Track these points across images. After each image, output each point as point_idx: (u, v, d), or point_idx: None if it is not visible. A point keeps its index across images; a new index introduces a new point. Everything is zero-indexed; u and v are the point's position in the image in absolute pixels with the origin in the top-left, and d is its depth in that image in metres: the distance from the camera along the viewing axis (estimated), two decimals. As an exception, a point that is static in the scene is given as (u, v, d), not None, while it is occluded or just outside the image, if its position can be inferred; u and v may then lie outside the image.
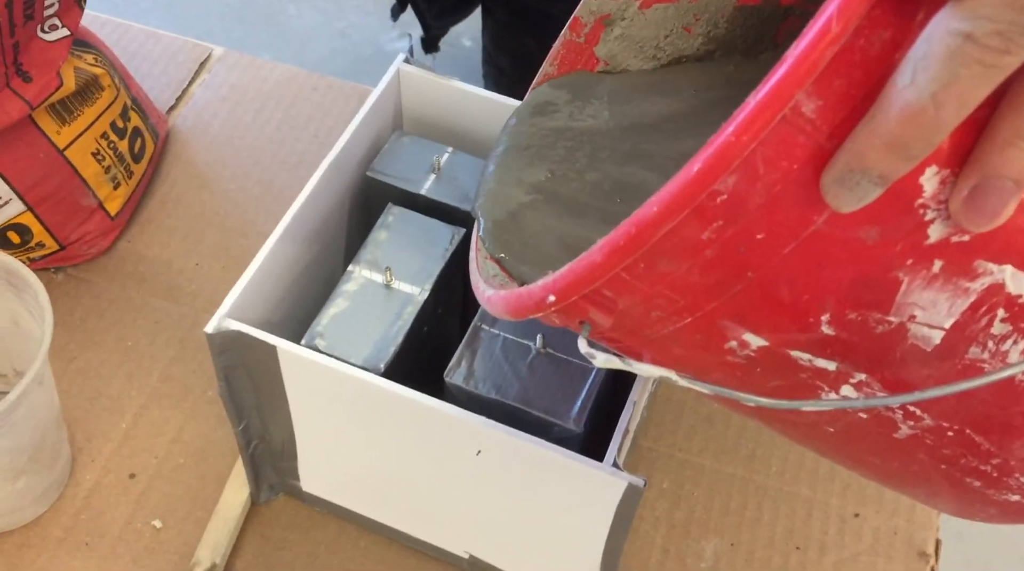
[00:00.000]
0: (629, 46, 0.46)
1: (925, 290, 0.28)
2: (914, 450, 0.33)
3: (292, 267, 0.50)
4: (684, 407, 0.62)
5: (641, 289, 0.29)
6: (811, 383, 0.31)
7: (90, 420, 0.59)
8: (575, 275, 0.29)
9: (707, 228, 0.27)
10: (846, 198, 0.26)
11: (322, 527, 0.56)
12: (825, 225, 0.27)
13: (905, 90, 0.24)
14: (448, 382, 0.46)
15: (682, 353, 0.32)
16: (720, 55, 0.46)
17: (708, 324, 0.30)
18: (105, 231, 0.65)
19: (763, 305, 0.29)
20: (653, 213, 0.27)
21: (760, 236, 0.27)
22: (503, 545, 0.52)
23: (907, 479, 0.36)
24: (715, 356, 0.31)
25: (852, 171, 0.25)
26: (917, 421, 0.32)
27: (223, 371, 0.47)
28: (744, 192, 0.26)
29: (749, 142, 0.25)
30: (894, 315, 0.29)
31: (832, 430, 0.34)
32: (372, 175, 0.53)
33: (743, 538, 0.57)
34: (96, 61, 0.63)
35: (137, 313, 0.63)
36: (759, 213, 0.27)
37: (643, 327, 0.31)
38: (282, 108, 0.74)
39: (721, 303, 0.29)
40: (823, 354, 0.30)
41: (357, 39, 1.75)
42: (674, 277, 0.29)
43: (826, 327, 0.29)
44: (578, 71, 0.46)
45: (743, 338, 0.30)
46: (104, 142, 0.63)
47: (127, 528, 0.56)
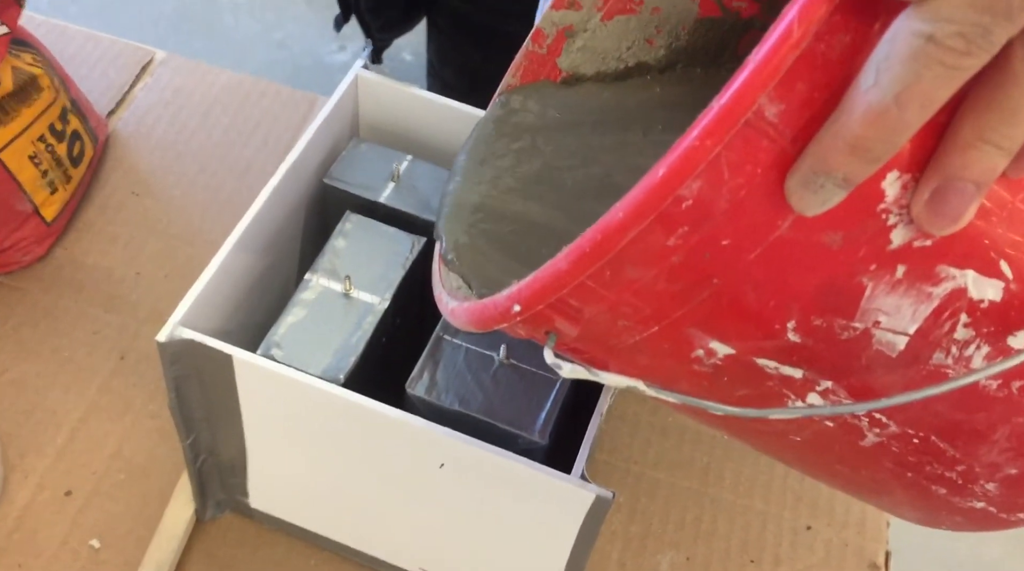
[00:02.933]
0: (591, 57, 0.46)
1: (889, 295, 0.28)
2: (880, 458, 0.33)
3: (247, 275, 0.49)
4: (639, 420, 0.61)
5: (607, 297, 0.29)
6: (778, 391, 0.31)
7: (24, 435, 0.56)
8: (540, 284, 0.29)
9: (673, 234, 0.27)
10: (810, 201, 0.26)
11: (271, 545, 0.54)
12: (790, 230, 0.27)
13: (868, 92, 0.24)
14: (410, 393, 0.45)
15: (648, 363, 0.31)
16: (682, 66, 0.46)
17: (675, 332, 0.30)
18: (40, 238, 0.62)
19: (729, 312, 0.29)
20: (619, 219, 0.26)
21: (725, 242, 0.27)
22: (461, 560, 0.50)
23: (874, 488, 0.36)
24: (682, 365, 0.31)
25: (816, 174, 0.25)
26: (883, 428, 0.32)
27: (174, 382, 0.45)
28: (709, 197, 0.26)
29: (713, 146, 0.25)
30: (859, 321, 0.29)
31: (799, 439, 0.34)
32: (330, 182, 0.52)
33: (699, 551, 0.57)
34: (34, 61, 0.60)
35: (74, 323, 0.61)
36: (724, 218, 0.27)
37: (609, 336, 0.30)
38: (229, 114, 0.72)
39: (687, 311, 0.29)
40: (789, 361, 0.30)
41: (296, 50, 1.73)
42: (640, 285, 0.28)
43: (792, 334, 0.29)
44: (541, 81, 0.46)
45: (710, 346, 0.30)
46: (41, 145, 0.61)
47: (63, 548, 0.53)
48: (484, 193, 0.41)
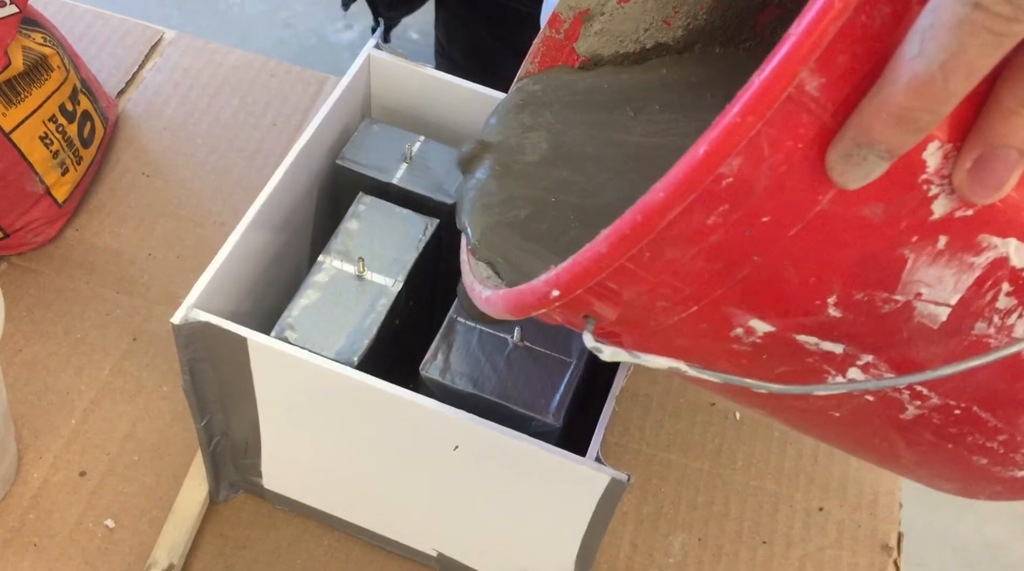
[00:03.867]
0: (609, 41, 0.45)
1: (931, 267, 0.28)
2: (921, 430, 0.33)
3: (260, 257, 0.49)
4: (651, 402, 0.61)
5: (646, 279, 0.28)
6: (818, 367, 0.31)
7: (37, 416, 0.56)
8: (580, 267, 0.28)
9: (713, 212, 0.27)
10: (852, 174, 0.26)
11: (284, 525, 0.55)
12: (830, 204, 0.27)
13: (913, 61, 0.24)
14: (424, 376, 0.45)
15: (687, 343, 0.31)
16: (700, 47, 0.46)
17: (714, 312, 0.29)
18: (52, 219, 0.62)
19: (769, 289, 0.29)
20: (660, 199, 0.26)
21: (766, 219, 0.27)
22: (474, 542, 0.51)
23: (912, 460, 0.36)
24: (720, 344, 0.31)
25: (859, 146, 0.25)
26: (924, 401, 0.32)
27: (188, 364, 0.45)
28: (750, 174, 0.26)
29: (755, 122, 0.24)
30: (900, 294, 0.29)
31: (838, 414, 0.34)
32: (342, 164, 0.51)
33: (711, 533, 0.57)
34: (45, 41, 0.60)
35: (86, 305, 0.61)
36: (765, 195, 0.26)
37: (647, 318, 0.30)
38: (239, 94, 0.72)
39: (727, 289, 0.29)
40: (830, 337, 0.30)
41: (301, 29, 1.72)
42: (680, 265, 0.28)
43: (833, 309, 0.29)
44: (559, 66, 0.46)
45: (749, 325, 0.30)
46: (52, 126, 0.60)
47: (78, 528, 0.53)
48: (497, 181, 0.41)
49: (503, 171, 0.41)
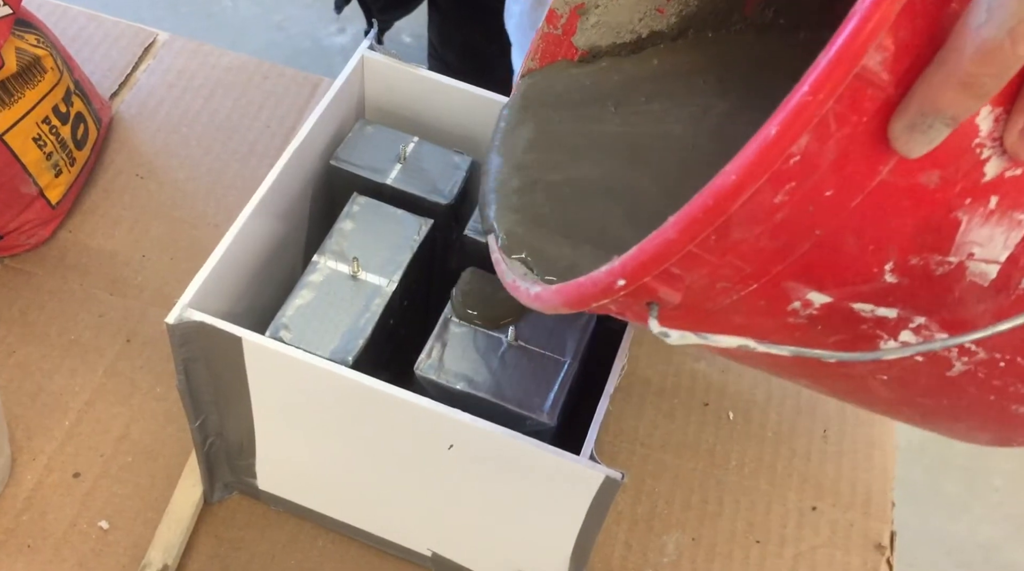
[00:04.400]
0: (606, 32, 0.46)
1: (983, 226, 0.29)
2: (966, 385, 0.34)
3: (254, 257, 0.49)
4: (644, 403, 0.61)
5: (711, 261, 0.29)
6: (871, 333, 0.32)
7: (31, 417, 0.56)
8: (647, 255, 0.29)
9: (780, 191, 0.27)
10: (917, 143, 0.27)
11: (279, 526, 0.55)
12: (890, 174, 0.28)
13: (980, 29, 0.25)
14: (418, 375, 0.45)
15: (742, 321, 0.32)
16: (693, 32, 0.47)
17: (773, 288, 0.30)
18: (45, 220, 0.62)
19: (829, 261, 0.29)
20: (732, 181, 0.27)
21: (829, 193, 0.28)
22: (469, 541, 0.51)
23: (952, 415, 0.37)
24: (777, 320, 0.31)
25: (925, 115, 0.26)
26: (971, 356, 0.33)
27: (183, 364, 0.45)
28: (816, 151, 0.27)
29: (826, 99, 0.25)
30: (954, 255, 0.29)
31: (886, 377, 0.35)
32: (336, 164, 0.51)
33: (704, 532, 0.57)
34: (38, 42, 0.60)
35: (80, 306, 0.61)
36: (829, 170, 0.27)
37: (706, 300, 0.31)
38: (232, 96, 0.72)
39: (787, 265, 0.29)
40: (885, 303, 0.31)
41: (294, 32, 1.72)
42: (744, 245, 0.29)
43: (889, 275, 0.30)
44: (559, 61, 0.46)
45: (807, 297, 0.30)
46: (46, 127, 0.60)
47: (72, 529, 0.53)
48: (524, 178, 0.42)
49: (522, 170, 0.42)
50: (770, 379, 0.63)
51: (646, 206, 0.41)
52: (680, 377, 0.63)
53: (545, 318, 0.47)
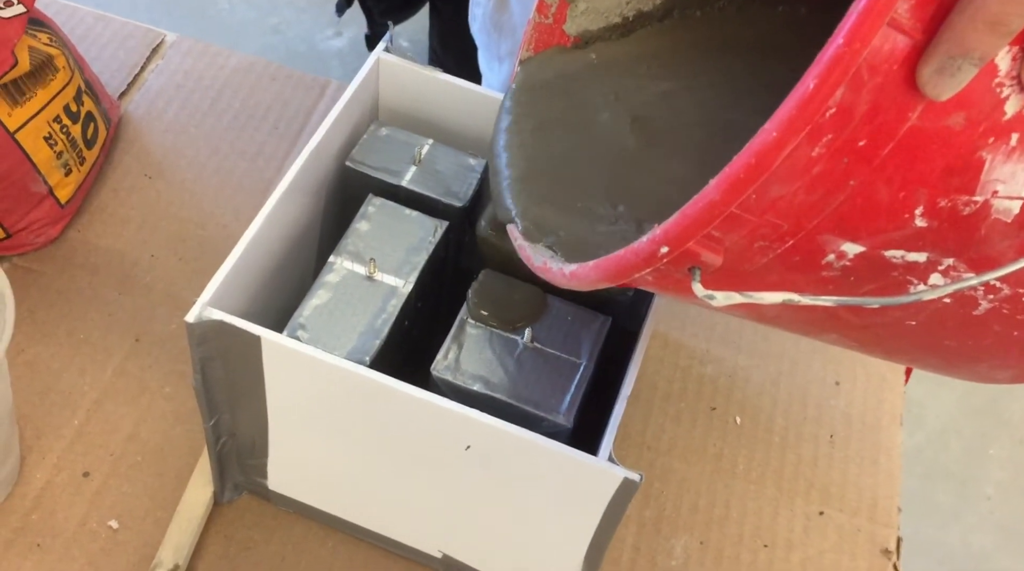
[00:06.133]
0: (595, 17, 0.48)
1: (1005, 164, 0.30)
2: (991, 323, 0.35)
3: (270, 257, 0.49)
4: (652, 407, 0.62)
5: (750, 221, 0.30)
6: (902, 279, 0.33)
7: (40, 416, 0.56)
8: (690, 219, 0.30)
9: (818, 144, 0.28)
10: (946, 84, 0.28)
11: (288, 527, 0.55)
12: (919, 119, 0.28)
13: None
14: (435, 376, 0.45)
15: (778, 279, 0.32)
16: (678, 12, 0.48)
17: (809, 242, 0.31)
18: (55, 219, 0.62)
19: (863, 211, 0.30)
20: (773, 138, 0.27)
21: (862, 143, 0.28)
22: (480, 543, 0.51)
23: (975, 356, 0.38)
24: (812, 274, 0.32)
25: (953, 57, 0.27)
26: (996, 293, 0.34)
27: (200, 363, 0.45)
28: (851, 102, 0.27)
29: (860, 49, 0.26)
30: (979, 194, 0.30)
31: (914, 322, 0.36)
32: (352, 166, 0.52)
33: (712, 536, 0.57)
34: (51, 41, 0.60)
35: (88, 305, 0.61)
36: (862, 120, 0.28)
37: (743, 262, 0.32)
38: (240, 97, 0.72)
39: (823, 218, 0.30)
40: (915, 247, 0.32)
41: (290, 35, 1.72)
42: (782, 201, 0.29)
43: (919, 220, 0.31)
44: (553, 48, 0.48)
45: (841, 249, 0.31)
46: (57, 126, 0.60)
47: (81, 529, 0.53)
48: (532, 163, 0.43)
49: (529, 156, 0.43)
50: (777, 383, 0.64)
51: (650, 179, 0.43)
52: (687, 381, 0.63)
53: (561, 320, 0.48)
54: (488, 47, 0.77)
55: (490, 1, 0.73)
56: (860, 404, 0.64)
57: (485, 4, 0.74)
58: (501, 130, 0.45)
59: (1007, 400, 1.43)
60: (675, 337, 0.65)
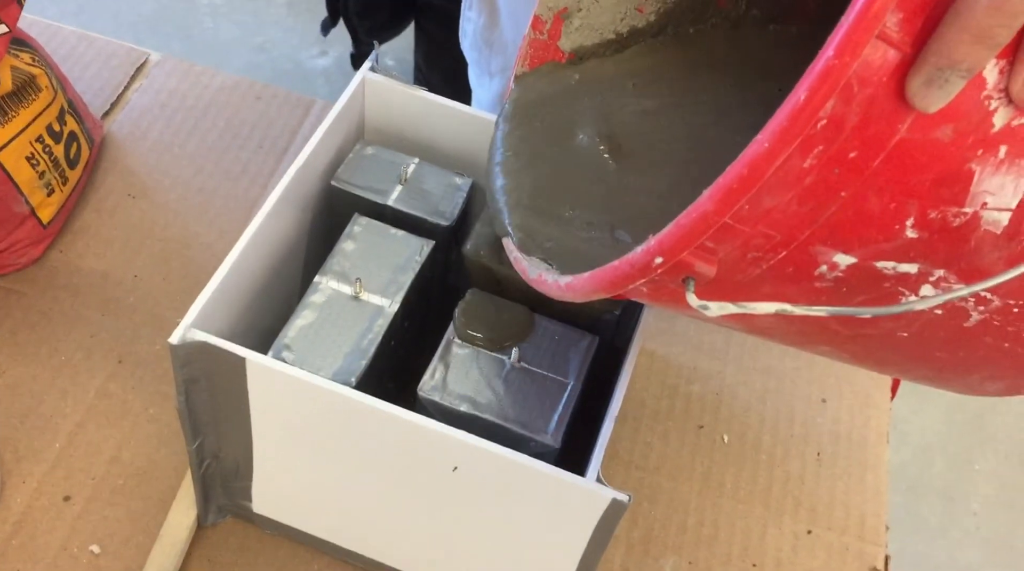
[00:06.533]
0: (590, 34, 0.48)
1: (994, 176, 0.30)
2: (982, 335, 0.35)
3: (255, 278, 0.48)
4: (640, 425, 0.62)
5: (743, 231, 0.30)
6: (893, 290, 0.33)
7: (20, 439, 0.55)
8: (684, 230, 0.30)
9: (809, 155, 0.28)
10: (935, 97, 0.28)
11: (273, 550, 0.54)
12: (908, 131, 0.29)
13: None
14: (422, 396, 0.45)
15: (771, 291, 0.33)
16: (672, 28, 0.49)
17: (801, 253, 0.31)
18: (36, 240, 0.61)
19: (854, 222, 0.30)
20: (765, 149, 0.28)
21: (853, 154, 0.29)
22: (468, 565, 0.50)
23: (967, 368, 0.38)
24: (804, 285, 0.32)
25: (941, 69, 0.27)
26: (987, 305, 0.34)
27: (183, 384, 0.45)
28: (841, 113, 0.28)
29: (850, 61, 0.26)
30: (969, 205, 0.31)
31: (906, 334, 0.36)
32: (337, 185, 0.51)
33: (701, 556, 0.57)
34: (34, 61, 0.60)
35: (71, 326, 0.60)
36: (853, 132, 0.28)
37: (736, 273, 0.32)
38: (224, 117, 0.71)
39: (815, 229, 0.31)
40: (906, 258, 0.32)
41: (276, 54, 1.72)
42: (775, 212, 0.30)
43: (910, 231, 0.31)
44: (548, 63, 0.48)
45: (833, 260, 0.31)
46: (39, 146, 0.60)
47: (62, 554, 0.52)
48: (528, 177, 0.43)
49: (525, 170, 0.44)
50: (764, 401, 0.64)
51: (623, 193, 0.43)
52: (674, 400, 0.63)
53: (548, 339, 0.47)
54: (479, 63, 0.77)
55: (481, 18, 0.73)
56: (847, 421, 0.64)
57: (476, 20, 0.74)
58: (496, 144, 0.46)
59: (992, 415, 1.44)
60: (662, 355, 0.65)
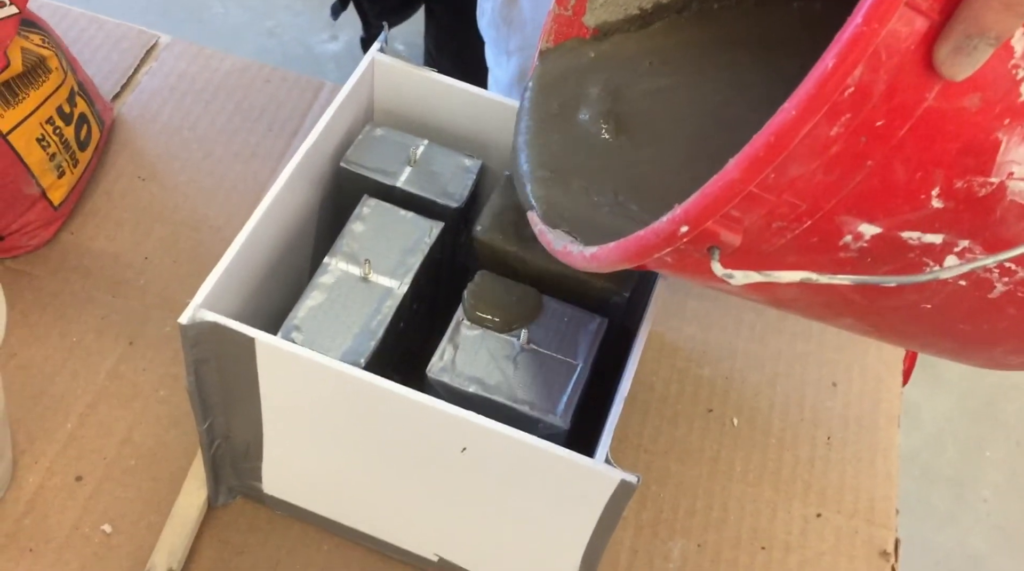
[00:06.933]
0: (614, 9, 0.48)
1: (1021, 145, 0.30)
2: (1005, 306, 0.35)
3: (265, 259, 0.48)
4: (649, 408, 0.61)
5: (769, 200, 0.30)
6: (918, 261, 0.33)
7: (32, 420, 0.56)
8: (710, 198, 0.30)
9: (836, 123, 0.28)
10: (963, 64, 0.28)
11: (283, 530, 0.54)
12: (935, 99, 0.29)
13: None
14: (431, 377, 0.45)
15: (796, 260, 0.33)
16: (697, 4, 0.49)
17: (827, 223, 0.31)
18: (47, 221, 0.61)
19: (880, 191, 0.30)
20: (792, 117, 0.28)
21: (880, 123, 0.29)
22: (477, 546, 0.50)
23: (989, 341, 0.38)
24: (829, 255, 0.32)
25: (969, 37, 0.27)
26: (1011, 276, 0.34)
27: (193, 365, 0.45)
28: (869, 81, 0.28)
29: (879, 29, 0.26)
30: (995, 175, 0.31)
31: (930, 306, 0.36)
32: (347, 167, 0.51)
33: (710, 539, 0.57)
34: (43, 42, 0.60)
35: (82, 308, 0.60)
36: (880, 100, 0.28)
37: (762, 242, 0.32)
38: (234, 100, 0.71)
39: (841, 199, 0.30)
40: (931, 229, 0.32)
41: (286, 39, 1.71)
42: (800, 181, 0.30)
43: (936, 201, 0.31)
44: (572, 39, 0.48)
45: (858, 230, 0.31)
46: (49, 128, 0.60)
47: (74, 533, 0.53)
48: (552, 152, 0.44)
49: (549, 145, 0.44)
50: (774, 384, 0.63)
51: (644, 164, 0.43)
52: (684, 383, 0.63)
53: (557, 321, 0.47)
54: (497, 42, 0.77)
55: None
56: (857, 405, 0.63)
57: None
58: (519, 119, 0.46)
59: (1003, 402, 1.43)
60: (671, 338, 0.65)
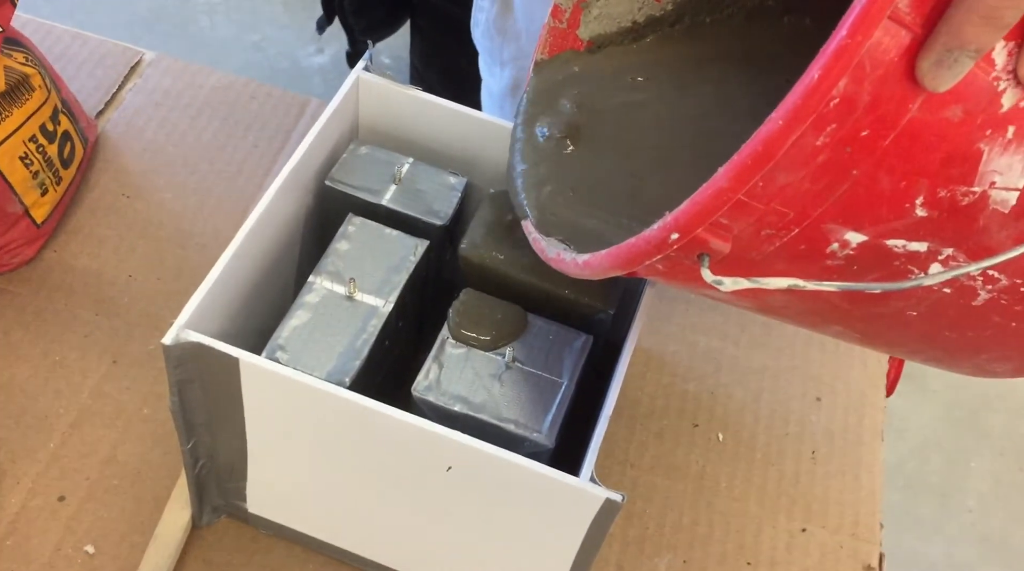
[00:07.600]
0: (608, 22, 0.49)
1: (1002, 155, 0.31)
2: (990, 314, 0.36)
3: (249, 278, 0.48)
4: (635, 423, 0.62)
5: (757, 208, 0.31)
6: (903, 268, 0.33)
7: (15, 439, 0.55)
8: (699, 206, 0.30)
9: (822, 133, 0.29)
10: (944, 77, 0.28)
11: (268, 550, 0.54)
12: (919, 110, 0.29)
13: None
14: (416, 396, 0.45)
15: (783, 268, 0.33)
16: (689, 18, 0.49)
17: (814, 231, 0.32)
18: (30, 239, 0.61)
19: (865, 200, 0.31)
20: (779, 127, 0.28)
21: (865, 133, 0.29)
22: (462, 564, 0.50)
23: (975, 348, 0.39)
24: (816, 263, 0.33)
25: (951, 50, 0.28)
26: (995, 284, 0.35)
27: (177, 385, 0.45)
28: (853, 92, 0.28)
29: (863, 41, 0.27)
30: (978, 184, 0.31)
31: (915, 313, 0.36)
32: (331, 185, 0.51)
33: (695, 554, 0.57)
34: (27, 60, 0.60)
35: (65, 327, 0.60)
36: (864, 111, 0.29)
37: (750, 250, 0.32)
38: (219, 116, 0.71)
39: (827, 207, 0.31)
40: (916, 237, 0.32)
41: (272, 53, 1.71)
42: (788, 189, 0.30)
43: (920, 209, 0.32)
44: (567, 52, 0.49)
45: (844, 238, 0.32)
46: (33, 146, 0.60)
47: (56, 554, 0.52)
48: (547, 162, 0.45)
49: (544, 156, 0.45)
50: (759, 399, 0.64)
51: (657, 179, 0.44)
52: (669, 398, 0.63)
53: (542, 339, 0.47)
54: (491, 52, 0.77)
55: (494, 6, 0.73)
56: (841, 420, 0.64)
57: (489, 9, 0.74)
58: (516, 131, 0.47)
59: (987, 412, 1.44)
60: (657, 353, 0.65)
